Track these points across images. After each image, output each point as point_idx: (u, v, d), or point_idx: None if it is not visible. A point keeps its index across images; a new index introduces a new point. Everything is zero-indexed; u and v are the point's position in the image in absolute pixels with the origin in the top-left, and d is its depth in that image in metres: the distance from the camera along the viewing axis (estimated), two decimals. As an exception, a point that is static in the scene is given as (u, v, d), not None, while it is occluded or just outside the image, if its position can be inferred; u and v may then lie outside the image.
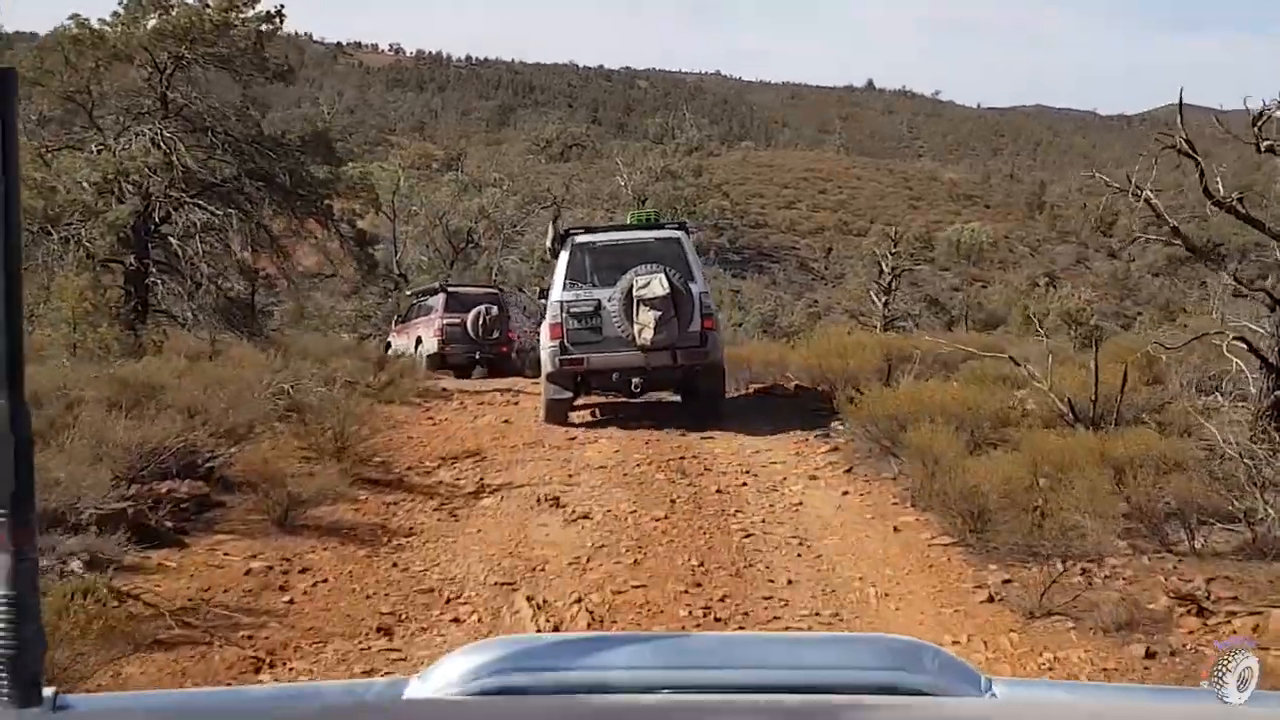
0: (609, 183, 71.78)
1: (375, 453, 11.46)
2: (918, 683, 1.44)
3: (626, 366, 13.50)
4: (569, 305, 13.60)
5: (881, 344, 17.07)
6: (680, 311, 13.18)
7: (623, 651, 1.54)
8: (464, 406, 16.02)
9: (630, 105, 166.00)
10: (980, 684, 1.46)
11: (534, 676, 1.44)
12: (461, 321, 23.40)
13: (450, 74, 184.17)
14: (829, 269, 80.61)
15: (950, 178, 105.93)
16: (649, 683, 1.43)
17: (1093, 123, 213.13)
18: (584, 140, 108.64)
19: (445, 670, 1.45)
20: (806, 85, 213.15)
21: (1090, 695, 1.75)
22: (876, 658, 1.52)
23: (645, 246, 13.79)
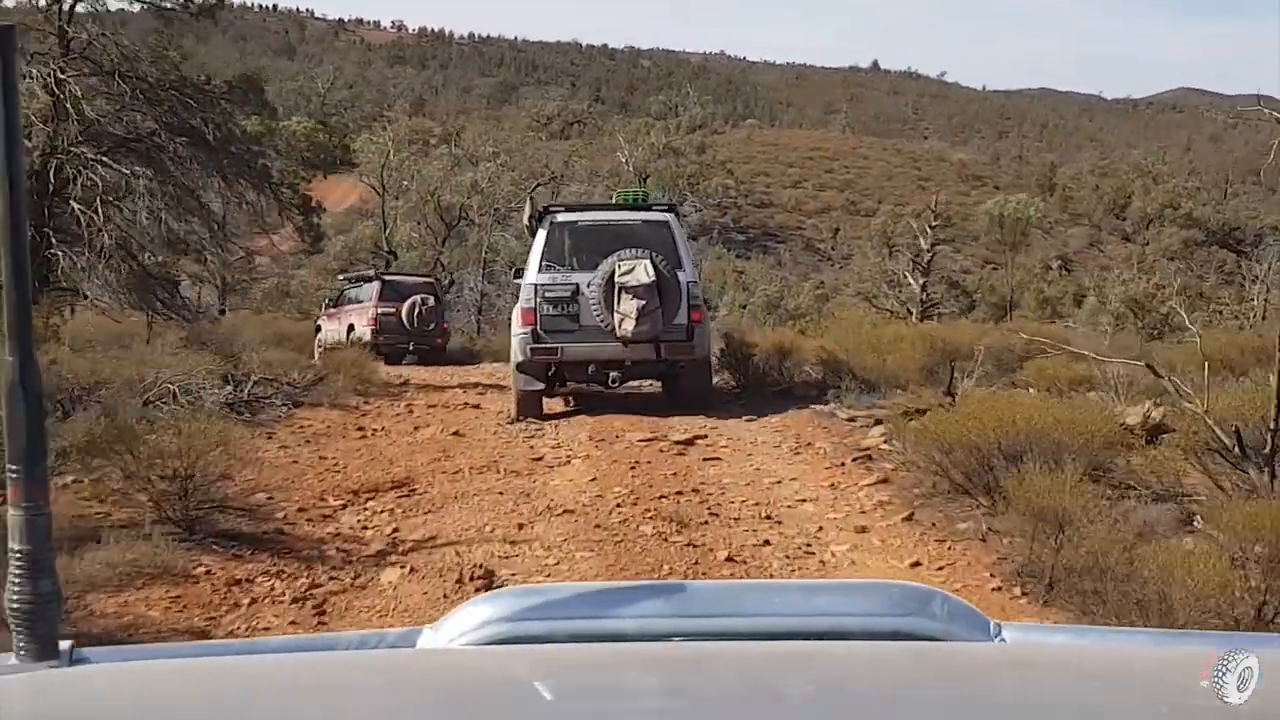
0: (610, 160, 68.86)
1: (257, 488, 8.30)
2: (928, 628, 1.42)
3: (604, 359, 12.28)
4: (544, 289, 12.24)
5: (924, 337, 13.85)
6: (666, 302, 11.99)
7: (634, 600, 1.52)
8: (410, 410, 12.81)
9: (633, 84, 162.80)
10: (990, 629, 1.45)
11: (546, 625, 1.42)
12: (396, 311, 22.71)
13: (452, 51, 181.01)
14: (836, 249, 77.36)
15: (960, 158, 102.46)
16: (660, 631, 1.42)
17: (1098, 106, 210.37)
18: (585, 117, 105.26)
19: (459, 620, 1.44)
20: (811, 66, 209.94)
21: (1099, 638, 1.66)
22: (886, 604, 1.49)
23: (631, 229, 12.52)
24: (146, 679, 1.33)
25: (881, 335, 13.97)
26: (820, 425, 11.66)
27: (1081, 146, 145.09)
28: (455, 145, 60.68)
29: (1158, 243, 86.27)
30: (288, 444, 10.20)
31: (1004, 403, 8.49)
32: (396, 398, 14.21)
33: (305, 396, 12.49)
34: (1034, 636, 1.56)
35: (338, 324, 23.85)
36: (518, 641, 1.39)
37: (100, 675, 1.32)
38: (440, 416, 12.34)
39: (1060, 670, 1.39)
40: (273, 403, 11.75)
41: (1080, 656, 1.45)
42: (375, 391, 14.50)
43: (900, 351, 12.97)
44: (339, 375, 13.76)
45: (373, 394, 14.14)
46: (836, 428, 11.52)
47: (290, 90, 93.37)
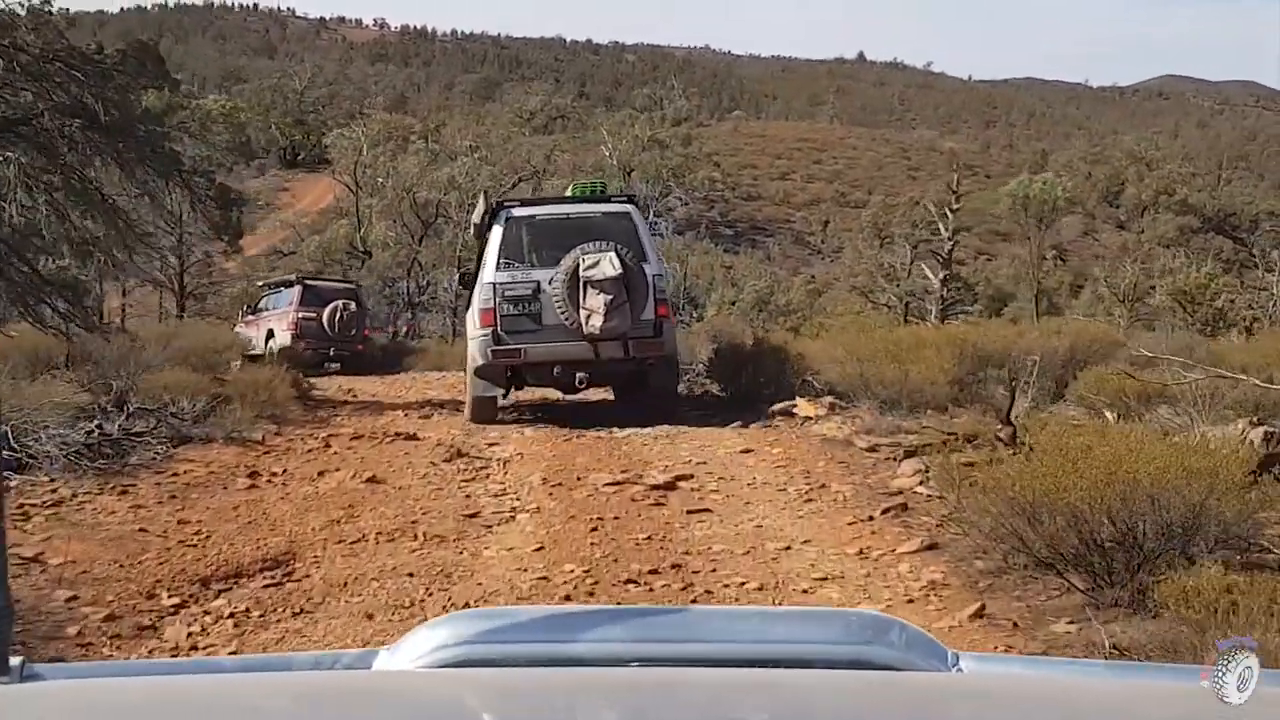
0: (594, 154, 66.64)
1: (68, 577, 5.90)
2: (885, 657, 1.42)
3: (571, 359, 11.52)
4: (504, 288, 11.53)
5: (951, 342, 11.43)
6: (633, 296, 11.34)
7: (593, 625, 1.51)
8: (326, 445, 10.31)
9: (618, 79, 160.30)
10: (947, 659, 1.45)
11: (504, 649, 1.41)
12: (317, 316, 22.05)
13: (435, 48, 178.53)
14: (826, 242, 74.99)
15: (950, 147, 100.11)
16: (619, 655, 1.40)
17: (1085, 94, 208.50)
18: (569, 112, 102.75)
19: (415, 642, 1.42)
20: (796, 58, 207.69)
21: (1056, 670, 1.70)
22: (844, 632, 1.49)
23: (591, 222, 11.81)
24: (98, 696, 1.29)
25: (900, 340, 11.58)
26: (834, 457, 9.26)
27: (1070, 134, 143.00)
28: (433, 140, 58.30)
29: (1153, 230, 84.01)
30: (144, 502, 7.75)
31: (1098, 439, 6.06)
32: (320, 424, 11.79)
33: (198, 430, 10.03)
34: (991, 667, 1.54)
35: (256, 330, 23.01)
36: (475, 665, 1.38)
37: (52, 692, 1.30)
38: (361, 453, 9.89)
39: (1017, 700, 1.37)
40: (149, 442, 9.29)
41: (1036, 687, 1.46)
42: (295, 417, 12.08)
43: (925, 360, 10.59)
44: (246, 399, 11.27)
45: (291, 420, 11.71)
46: (855, 460, 9.11)
47: (266, 88, 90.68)
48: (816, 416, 10.93)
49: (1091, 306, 57.43)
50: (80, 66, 12.74)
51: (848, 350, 11.42)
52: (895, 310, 36.75)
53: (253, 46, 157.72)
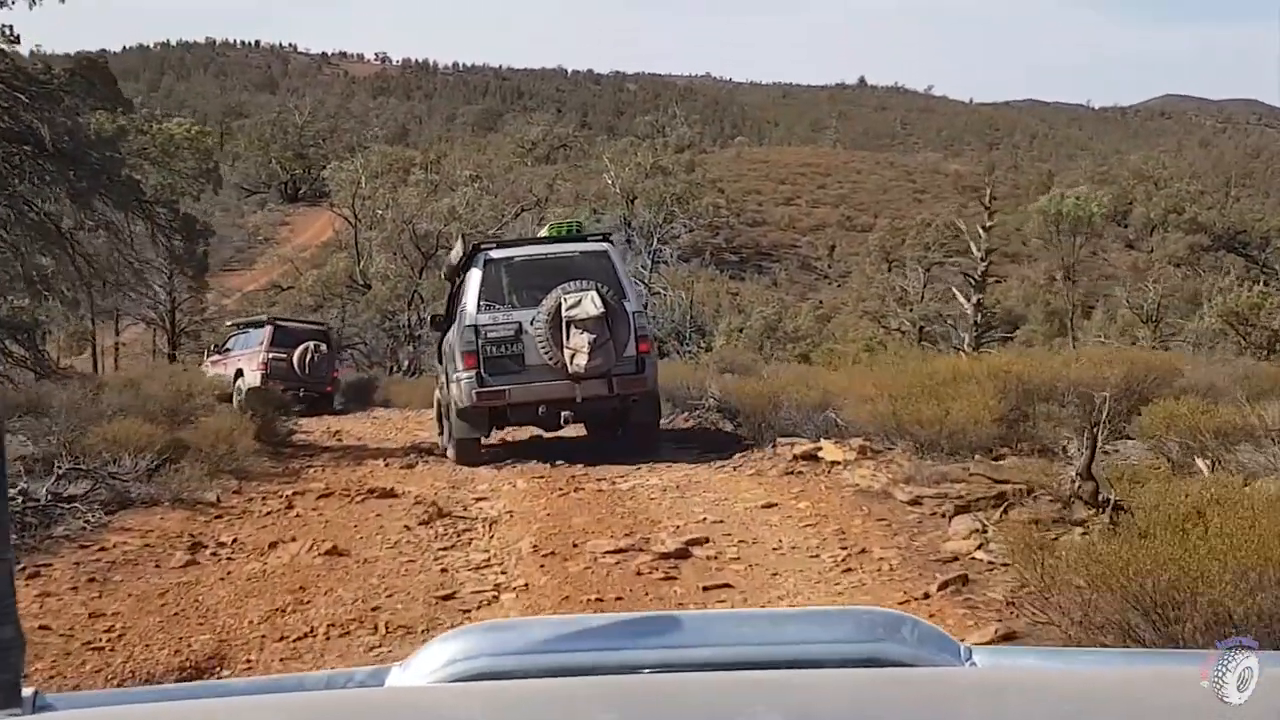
0: (596, 182, 65.61)
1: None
2: (898, 654, 1.40)
3: (555, 398, 11.51)
4: (486, 330, 11.47)
5: (993, 374, 10.12)
6: (616, 334, 11.36)
7: (606, 633, 1.50)
8: (289, 505, 9.01)
9: (620, 109, 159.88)
10: (960, 653, 1.43)
11: (517, 660, 1.39)
12: (288, 356, 22.00)
13: (437, 81, 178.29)
14: (833, 267, 73.79)
15: (955, 169, 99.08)
16: (632, 663, 1.38)
17: (1087, 115, 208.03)
18: (570, 141, 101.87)
19: (428, 657, 1.40)
20: (797, 84, 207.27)
21: (1071, 661, 1.68)
22: (857, 631, 1.47)
23: (569, 261, 11.86)
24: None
25: (935, 372, 10.29)
26: (872, 512, 7.95)
27: (1073, 155, 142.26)
28: (433, 171, 57.27)
29: (1162, 249, 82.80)
30: (56, 588, 6.46)
31: (1219, 506, 4.77)
32: (288, 478, 10.51)
33: (144, 490, 8.75)
34: (1005, 660, 1.55)
35: (224, 369, 22.86)
36: (488, 678, 1.36)
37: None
38: (327, 515, 8.59)
39: (1031, 693, 1.37)
40: (79, 508, 8.00)
41: (1051, 679, 1.46)
42: (262, 470, 10.80)
43: (966, 397, 9.29)
44: (205, 452, 9.98)
45: (256, 474, 10.42)
46: (897, 516, 7.81)
47: (266, 123, 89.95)
48: (845, 461, 9.64)
49: (1104, 327, 56.22)
50: (25, 88, 11.54)
51: (878, 386, 10.12)
52: (909, 335, 35.51)
53: (254, 82, 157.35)
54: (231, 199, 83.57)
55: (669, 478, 9.90)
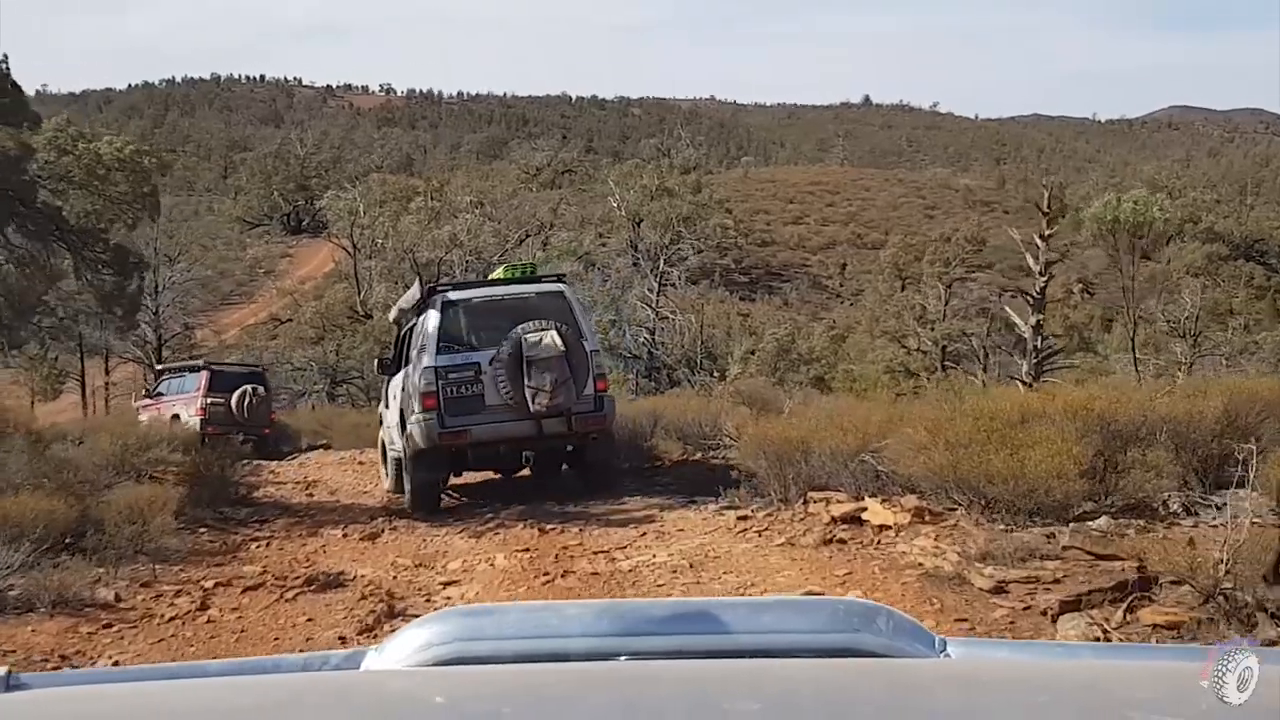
0: (601, 205, 64.10)
1: None
2: (873, 644, 1.41)
3: (516, 437, 11.49)
4: (445, 371, 11.31)
5: (1073, 411, 8.21)
6: (575, 373, 11.23)
7: (581, 619, 1.48)
8: (200, 607, 7.03)
9: (625, 133, 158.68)
10: (935, 644, 1.44)
11: (492, 645, 1.39)
12: (226, 400, 22.08)
13: (441, 110, 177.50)
14: (844, 286, 71.93)
15: (966, 184, 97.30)
16: (607, 650, 1.39)
17: (1093, 128, 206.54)
18: (575, 166, 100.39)
19: (404, 641, 1.41)
20: (802, 105, 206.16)
21: (1044, 654, 1.69)
22: (832, 621, 1.47)
23: (526, 302, 11.82)
24: (86, 704, 1.29)
25: (998, 412, 8.39)
26: (944, 605, 6.05)
27: (1080, 168, 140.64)
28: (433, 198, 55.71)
29: (1179, 259, 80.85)
30: None
31: None
32: (221, 559, 8.61)
33: (22, 588, 6.88)
34: (978, 651, 1.54)
35: (157, 413, 22.36)
36: (463, 663, 1.37)
37: (39, 701, 1.28)
38: (248, 620, 6.65)
39: (1004, 685, 1.36)
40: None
41: (1024, 671, 1.45)
42: (192, 546, 8.93)
43: (1045, 443, 7.41)
44: (121, 527, 8.11)
45: (179, 555, 8.52)
46: (978, 612, 5.90)
47: (268, 155, 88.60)
48: (897, 527, 7.75)
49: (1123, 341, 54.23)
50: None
51: (931, 430, 8.24)
52: (930, 356, 33.61)
53: (259, 116, 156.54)
54: (234, 232, 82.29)
55: (680, 550, 8.04)
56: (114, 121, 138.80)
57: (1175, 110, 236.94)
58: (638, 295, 37.60)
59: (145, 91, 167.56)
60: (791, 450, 9.41)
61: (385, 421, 13.98)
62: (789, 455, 9.48)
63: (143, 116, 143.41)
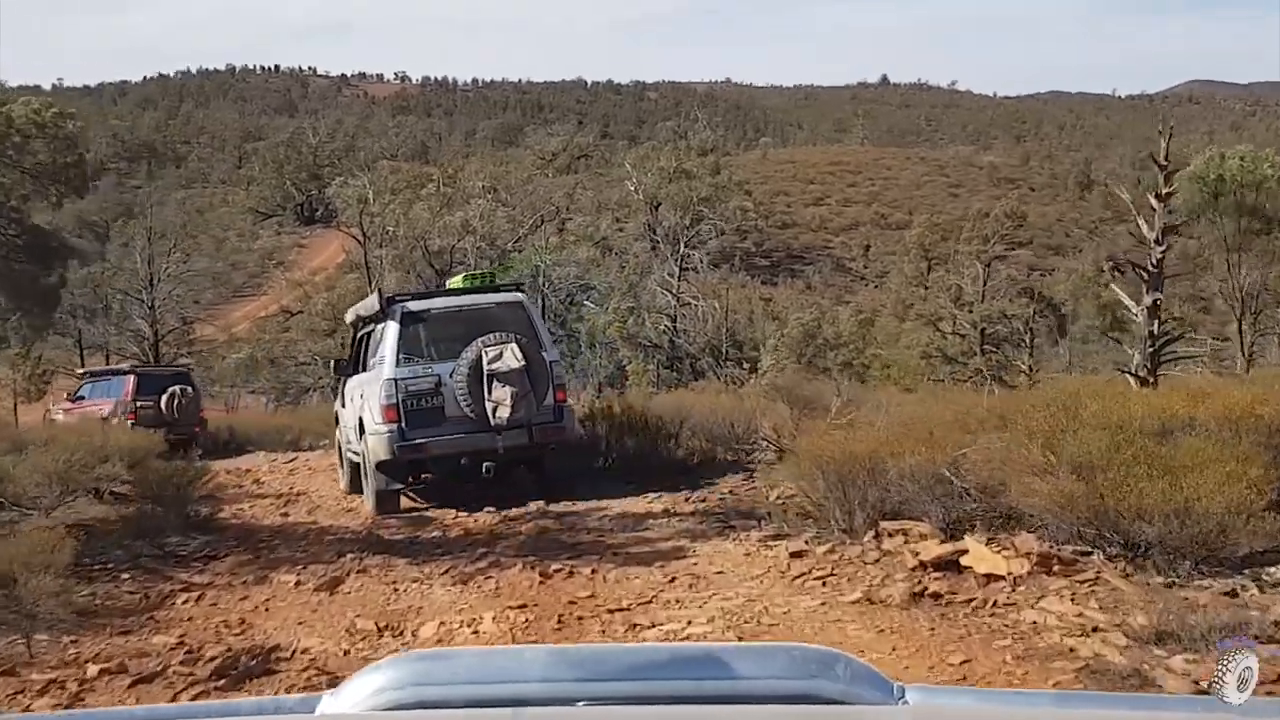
0: (618, 189, 62.16)
1: None
2: (831, 691, 1.40)
3: (477, 450, 11.17)
4: (405, 383, 11.13)
5: (1230, 419, 6.21)
6: (536, 385, 11.18)
7: (539, 664, 1.47)
8: (77, 687, 5.20)
9: (641, 117, 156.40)
10: (893, 692, 1.43)
11: (449, 690, 1.38)
12: (155, 403, 22.13)
13: (457, 98, 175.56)
14: (869, 268, 69.73)
15: (990, 161, 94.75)
16: (566, 695, 1.37)
17: (1114, 103, 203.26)
18: (591, 150, 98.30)
19: (359, 685, 1.39)
20: (818, 86, 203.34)
21: (1005, 702, 1.70)
22: (791, 667, 1.45)
23: (486, 313, 11.60)
24: None
25: (1130, 417, 6.38)
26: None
27: (1102, 144, 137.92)
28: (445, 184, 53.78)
29: (1209, 235, 78.39)
30: None
31: None
32: (134, 620, 6.68)
33: None
34: (938, 699, 1.52)
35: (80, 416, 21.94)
36: (419, 708, 1.34)
37: None
38: None
39: None
40: None
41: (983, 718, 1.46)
42: (104, 600, 7.03)
43: (1214, 465, 5.45)
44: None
45: (62, 629, 6.58)
46: None
47: (280, 143, 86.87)
48: (1013, 578, 5.77)
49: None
50: None
51: (1050, 446, 6.22)
52: (969, 339, 31.52)
53: (273, 106, 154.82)
54: (246, 223, 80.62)
55: (722, 608, 6.08)
56: (128, 114, 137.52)
57: (1196, 84, 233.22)
58: (657, 280, 35.59)
59: (160, 84, 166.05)
60: (856, 468, 7.42)
61: (342, 421, 13.82)
62: (852, 474, 7.50)
63: (157, 108, 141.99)
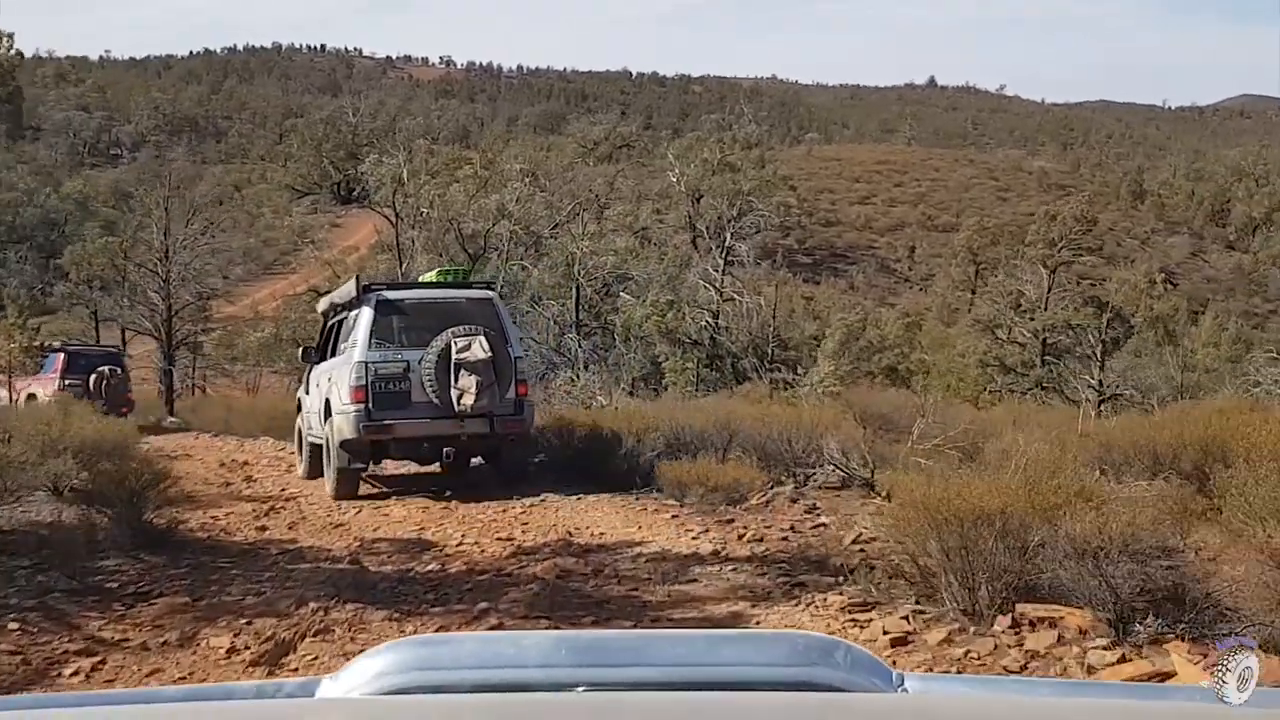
0: (659, 180, 60.34)
1: None
2: (830, 678, 1.39)
3: (439, 435, 11.67)
4: (376, 366, 11.56)
5: None
6: (500, 377, 11.60)
7: (539, 649, 1.46)
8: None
9: (685, 110, 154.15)
10: (892, 679, 1.42)
11: (448, 675, 1.36)
12: (84, 381, 22.42)
13: (501, 84, 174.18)
14: (913, 270, 67.43)
15: (1040, 166, 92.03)
16: (565, 680, 1.36)
17: (1164, 114, 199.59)
18: (634, 140, 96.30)
19: (358, 670, 1.38)
20: (865, 85, 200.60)
21: (1001, 689, 1.69)
22: (790, 654, 1.44)
23: (456, 306, 12.14)
24: None
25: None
26: None
27: (1151, 155, 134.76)
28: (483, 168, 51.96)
29: (1267, 249, 75.50)
30: None
31: None
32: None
33: None
34: (936, 687, 1.51)
35: (17, 394, 22.66)
36: (419, 692, 1.33)
37: None
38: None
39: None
40: None
41: (982, 707, 1.43)
42: None
43: None
44: None
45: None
46: None
47: (319, 121, 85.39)
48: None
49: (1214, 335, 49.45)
50: None
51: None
52: (1028, 349, 29.38)
53: (317, 85, 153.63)
54: (281, 200, 79.18)
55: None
56: (171, 86, 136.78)
57: (1247, 99, 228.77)
58: (699, 273, 33.62)
59: (205, 59, 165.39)
60: (986, 528, 5.45)
61: (304, 408, 14.05)
62: (980, 536, 5.53)
63: (200, 82, 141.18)
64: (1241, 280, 72.02)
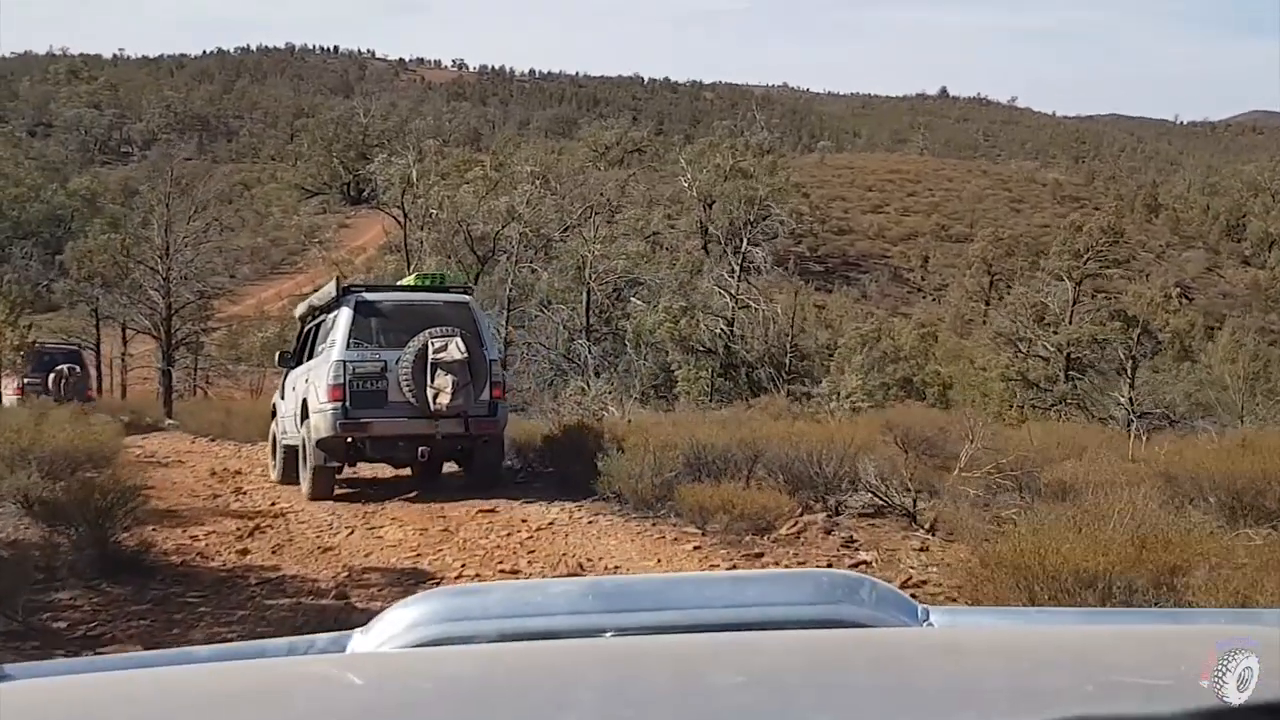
0: (670, 185, 59.52)
1: None
2: (856, 615, 1.41)
3: (414, 434, 11.83)
4: (353, 366, 11.72)
5: None
6: (475, 378, 11.81)
7: (566, 597, 1.47)
8: None
9: (696, 116, 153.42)
10: (918, 614, 1.44)
11: (478, 625, 1.38)
12: (43, 379, 22.66)
13: (513, 87, 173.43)
14: (926, 280, 66.48)
15: (1054, 178, 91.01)
16: (593, 627, 1.38)
17: (1175, 129, 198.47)
18: (645, 145, 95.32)
19: (389, 623, 1.39)
20: (876, 95, 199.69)
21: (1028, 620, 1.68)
22: (815, 592, 1.46)
23: (434, 309, 12.30)
24: (72, 693, 1.25)
25: None
26: None
27: (1164, 169, 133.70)
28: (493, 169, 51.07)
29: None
30: None
31: None
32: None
33: None
34: (963, 619, 1.52)
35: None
36: (449, 643, 1.35)
37: (24, 692, 1.25)
38: None
39: (988, 652, 1.35)
40: None
41: (1008, 638, 1.45)
42: None
43: None
44: None
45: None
46: None
47: (329, 121, 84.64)
48: None
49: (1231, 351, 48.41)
50: None
51: None
52: (1052, 364, 28.42)
53: (329, 86, 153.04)
54: (291, 199, 78.45)
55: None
56: (183, 85, 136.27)
57: (1259, 115, 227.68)
58: (713, 279, 32.68)
59: (218, 58, 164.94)
60: (1085, 594, 4.52)
61: (279, 412, 14.11)
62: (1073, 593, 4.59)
63: (213, 82, 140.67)
64: (1258, 296, 70.86)
